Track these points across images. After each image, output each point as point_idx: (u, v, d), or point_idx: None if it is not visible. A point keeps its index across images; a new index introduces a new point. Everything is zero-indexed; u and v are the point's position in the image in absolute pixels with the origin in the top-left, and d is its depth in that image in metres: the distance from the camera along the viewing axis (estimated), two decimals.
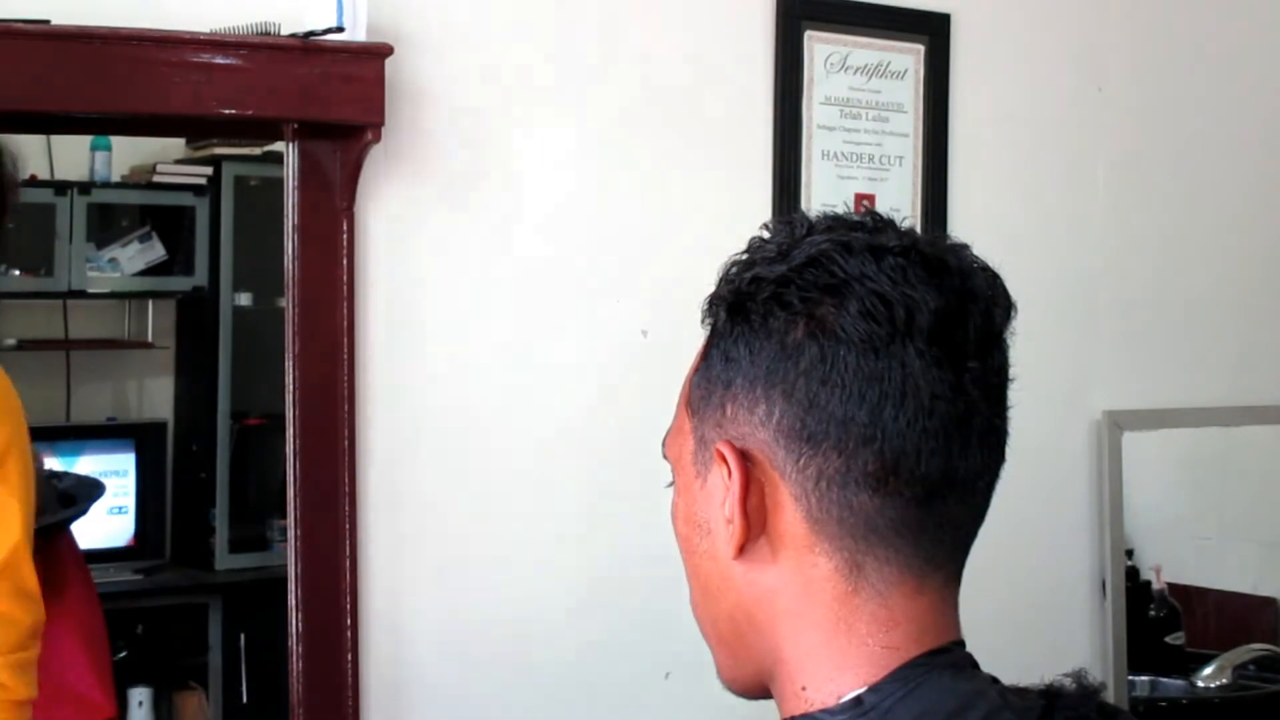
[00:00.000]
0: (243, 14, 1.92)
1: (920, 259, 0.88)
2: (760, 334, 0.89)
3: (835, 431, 0.86)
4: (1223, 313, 2.78)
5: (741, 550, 0.89)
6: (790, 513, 0.88)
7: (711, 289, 0.95)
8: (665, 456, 0.96)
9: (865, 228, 0.92)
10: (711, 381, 0.91)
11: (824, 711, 0.87)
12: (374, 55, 1.95)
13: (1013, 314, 0.91)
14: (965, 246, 0.91)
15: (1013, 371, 0.92)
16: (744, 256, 0.93)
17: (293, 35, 1.93)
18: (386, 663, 2.07)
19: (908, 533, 0.87)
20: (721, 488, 0.89)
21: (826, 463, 0.86)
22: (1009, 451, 0.92)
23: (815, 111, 2.35)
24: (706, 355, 0.93)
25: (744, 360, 0.89)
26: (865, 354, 0.85)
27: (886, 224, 0.92)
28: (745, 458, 0.88)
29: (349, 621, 2.02)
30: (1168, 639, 2.69)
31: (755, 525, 0.88)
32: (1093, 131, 2.65)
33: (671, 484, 0.96)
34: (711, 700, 1.10)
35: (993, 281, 0.90)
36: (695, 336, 0.99)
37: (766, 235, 0.95)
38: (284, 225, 2.02)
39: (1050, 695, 0.90)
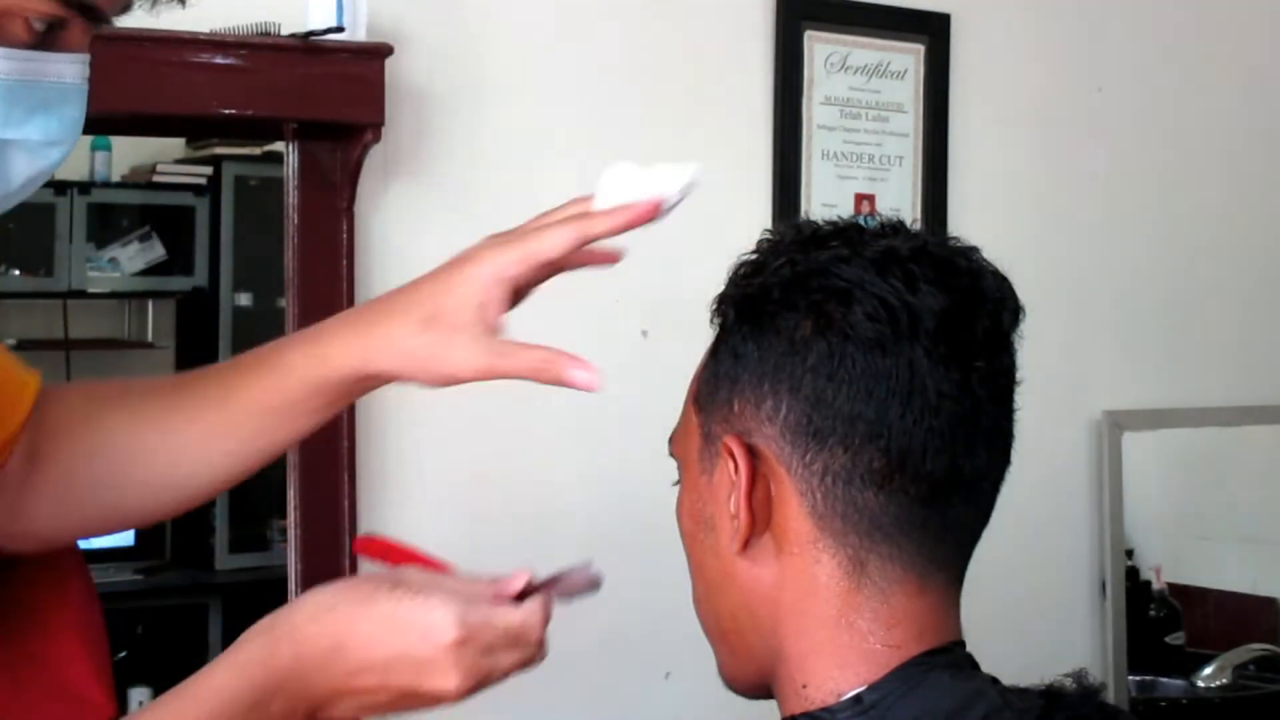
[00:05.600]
0: (243, 14, 1.92)
1: (930, 260, 0.89)
2: (769, 331, 0.89)
3: (841, 428, 0.86)
4: (1222, 313, 2.78)
5: (746, 545, 0.89)
6: (795, 509, 0.88)
7: (712, 289, 0.96)
8: (672, 454, 0.96)
9: (875, 233, 0.92)
10: (719, 378, 0.92)
11: (824, 710, 0.88)
12: (374, 55, 1.95)
13: (1021, 317, 0.91)
14: (975, 249, 0.92)
15: (1017, 374, 0.92)
16: (753, 257, 0.93)
17: (293, 35, 1.93)
18: None
19: (912, 531, 0.87)
20: (727, 483, 0.90)
21: (832, 459, 0.87)
22: None
23: (815, 111, 2.35)
24: (715, 352, 0.93)
25: (752, 356, 0.90)
26: (872, 351, 0.86)
27: (898, 227, 0.92)
28: (752, 453, 0.89)
29: None
30: (1168, 639, 2.69)
31: (760, 521, 0.89)
32: (1093, 131, 2.65)
33: (678, 482, 0.96)
34: (712, 700, 1.10)
35: (1002, 284, 0.91)
36: (696, 336, 0.99)
37: (774, 238, 0.95)
38: (284, 225, 2.02)
39: (1050, 696, 0.90)
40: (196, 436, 1.07)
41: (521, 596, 0.92)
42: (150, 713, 0.89)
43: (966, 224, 2.45)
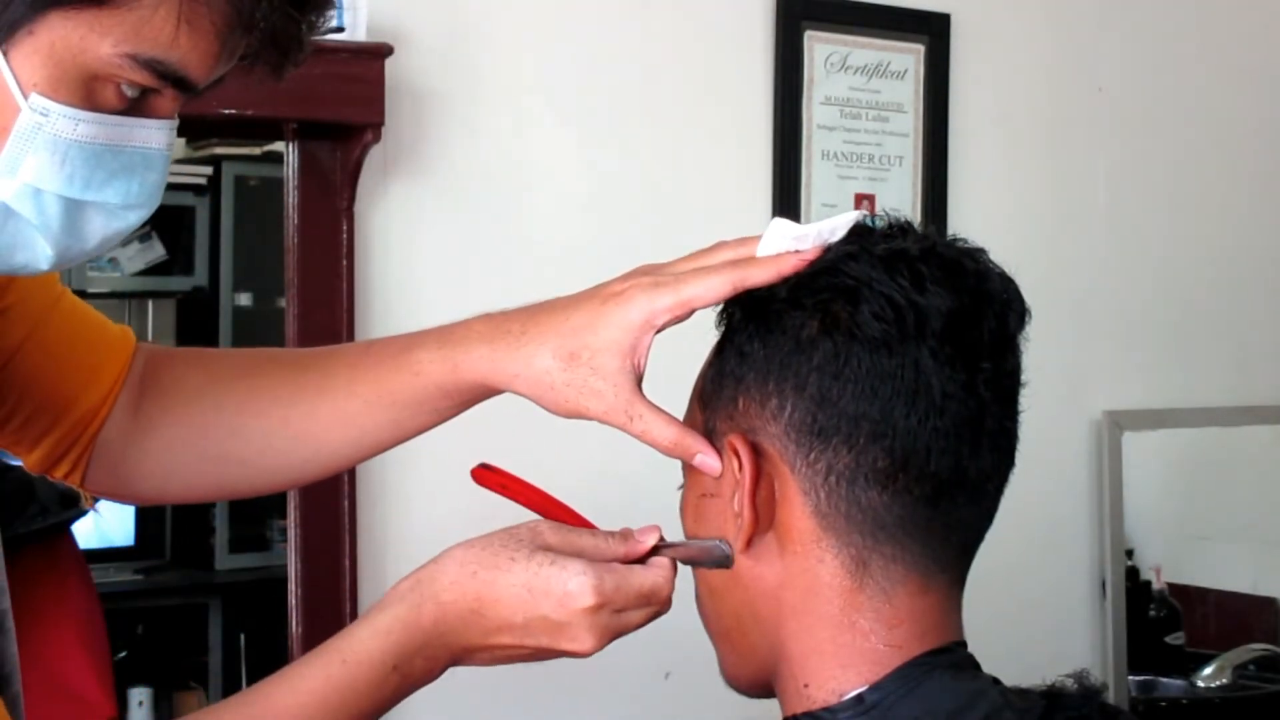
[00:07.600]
0: None
1: (938, 261, 0.89)
2: (775, 330, 0.89)
3: (846, 427, 0.86)
4: (1222, 313, 2.78)
5: (749, 544, 0.89)
6: (798, 507, 0.88)
7: None
8: None
9: (883, 234, 0.92)
10: (724, 376, 0.92)
11: (826, 710, 0.88)
12: (374, 55, 1.95)
13: (1027, 319, 0.91)
14: (982, 250, 0.92)
15: (1022, 376, 0.92)
16: None
17: None
18: None
19: (915, 531, 0.87)
20: (731, 481, 0.90)
21: (836, 458, 0.87)
22: None
23: (815, 111, 2.35)
24: (720, 350, 0.94)
25: (758, 355, 0.90)
26: (878, 351, 0.86)
27: (905, 227, 0.92)
28: (756, 451, 0.89)
29: (349, 621, 2.01)
30: (1168, 639, 2.69)
31: (763, 519, 0.89)
32: (1093, 131, 2.65)
33: (682, 486, 0.96)
34: (712, 700, 1.10)
35: (1008, 286, 0.91)
36: (696, 336, 0.99)
37: None
38: (284, 225, 2.02)
39: (1051, 696, 0.90)
40: (320, 423, 1.09)
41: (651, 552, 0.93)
42: (293, 673, 0.91)
43: (966, 224, 2.45)
